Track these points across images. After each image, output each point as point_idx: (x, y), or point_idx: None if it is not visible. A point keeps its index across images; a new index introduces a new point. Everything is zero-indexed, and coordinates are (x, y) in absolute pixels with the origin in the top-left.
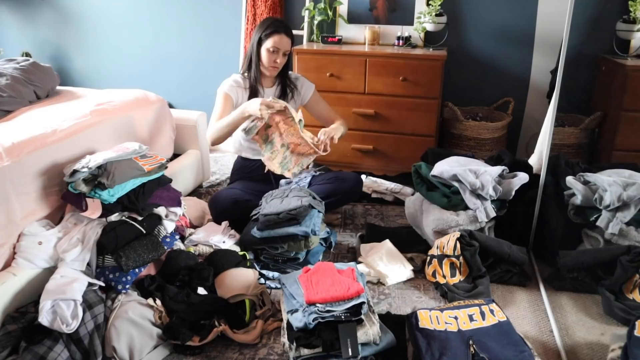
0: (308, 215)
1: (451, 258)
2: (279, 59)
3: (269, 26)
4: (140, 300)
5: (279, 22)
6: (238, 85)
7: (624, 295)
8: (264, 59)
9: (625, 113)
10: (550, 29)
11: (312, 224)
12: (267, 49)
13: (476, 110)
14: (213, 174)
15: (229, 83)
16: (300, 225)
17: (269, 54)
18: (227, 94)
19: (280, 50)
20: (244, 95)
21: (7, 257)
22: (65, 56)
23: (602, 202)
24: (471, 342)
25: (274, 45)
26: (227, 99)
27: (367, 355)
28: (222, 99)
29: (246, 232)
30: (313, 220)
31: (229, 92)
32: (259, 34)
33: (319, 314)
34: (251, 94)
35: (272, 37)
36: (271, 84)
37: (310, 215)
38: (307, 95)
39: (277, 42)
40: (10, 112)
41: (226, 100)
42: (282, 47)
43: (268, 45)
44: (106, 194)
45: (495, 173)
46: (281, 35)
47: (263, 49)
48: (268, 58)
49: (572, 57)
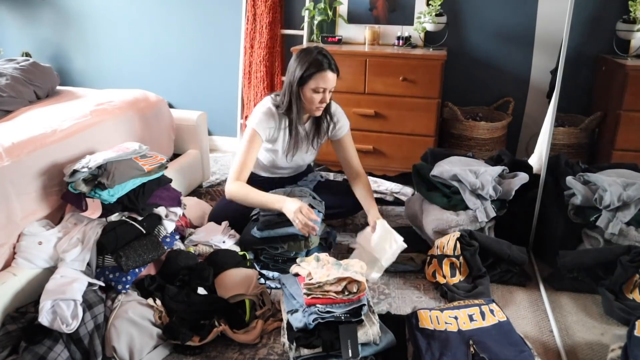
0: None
1: (451, 258)
2: (326, 98)
3: (311, 64)
4: (140, 300)
5: (321, 57)
6: (271, 120)
7: (624, 295)
8: (308, 101)
9: (625, 113)
10: (550, 29)
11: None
12: (311, 89)
13: (476, 110)
14: (213, 174)
15: (259, 116)
16: None
17: (313, 95)
18: (256, 131)
19: (328, 89)
20: (277, 135)
21: (7, 257)
22: (65, 56)
23: (602, 202)
24: (471, 342)
25: (320, 85)
26: (255, 140)
27: (367, 355)
28: (250, 139)
29: (246, 232)
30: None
31: (259, 130)
32: (300, 72)
33: (319, 314)
34: (289, 134)
35: (317, 76)
36: (306, 119)
37: None
38: (339, 134)
39: (323, 82)
40: (10, 112)
41: (254, 141)
42: (329, 85)
43: (312, 85)
44: (106, 194)
45: (495, 173)
46: (327, 73)
47: (307, 89)
48: (314, 99)
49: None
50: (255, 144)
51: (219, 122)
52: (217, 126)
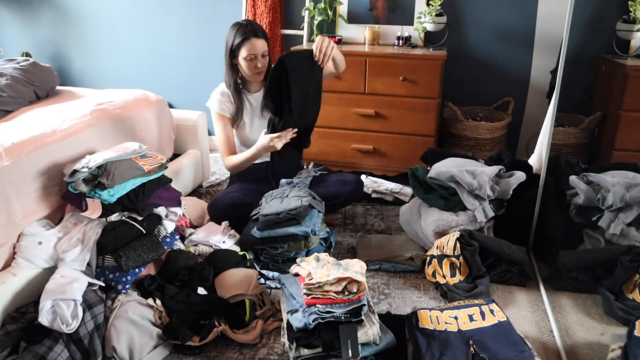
0: (308, 215)
1: (451, 258)
2: (260, 63)
3: (236, 35)
4: (140, 300)
5: (245, 27)
6: (226, 100)
7: (624, 295)
8: (244, 70)
9: (625, 113)
10: (550, 29)
11: (312, 224)
12: (243, 58)
13: (476, 110)
14: (213, 174)
15: (217, 99)
16: (300, 225)
17: (247, 63)
18: (220, 114)
19: (258, 55)
20: (237, 111)
21: (7, 257)
22: (65, 56)
23: (605, 202)
24: (471, 342)
25: (249, 53)
26: (223, 120)
27: (367, 355)
28: (220, 121)
29: (246, 232)
30: (313, 220)
31: (221, 112)
32: (229, 45)
33: (319, 314)
34: (239, 105)
35: (244, 45)
36: (258, 88)
37: (310, 215)
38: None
39: (251, 49)
40: (10, 112)
41: (223, 121)
42: (258, 51)
43: (243, 54)
44: (106, 194)
45: (492, 173)
46: (252, 40)
47: (240, 60)
48: (248, 67)
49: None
50: (225, 122)
51: None
52: None
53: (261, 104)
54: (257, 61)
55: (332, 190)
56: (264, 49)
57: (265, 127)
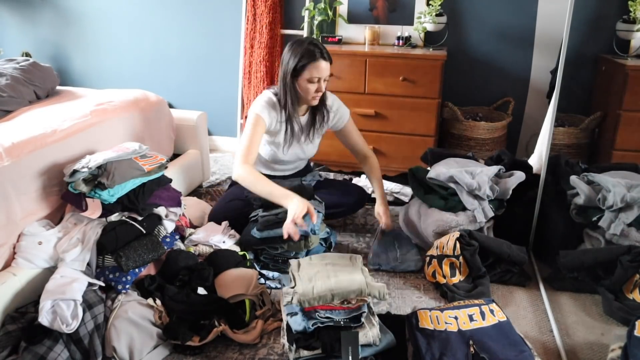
0: (307, 215)
1: (451, 258)
2: (322, 87)
3: (303, 55)
4: (140, 300)
5: (313, 47)
6: (272, 109)
7: (624, 295)
8: (304, 91)
9: (625, 113)
10: (550, 29)
11: (312, 224)
12: (306, 80)
13: (476, 110)
14: (213, 174)
15: (264, 105)
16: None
17: (309, 85)
18: (260, 116)
19: (322, 78)
20: (278, 127)
21: (7, 257)
22: (65, 56)
23: (605, 202)
24: (471, 342)
25: (314, 75)
26: (259, 123)
27: (367, 355)
28: (256, 125)
29: (246, 233)
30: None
31: (262, 115)
32: (293, 64)
33: (319, 319)
34: (287, 127)
35: (310, 66)
36: (304, 112)
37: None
38: (341, 124)
39: (318, 72)
40: (10, 112)
41: (258, 125)
42: (323, 74)
43: (307, 76)
44: (106, 194)
45: (492, 173)
46: (319, 62)
47: (301, 80)
48: (309, 89)
49: (572, 57)
50: (260, 128)
51: (219, 122)
52: (217, 126)
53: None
54: (319, 84)
55: (334, 200)
56: (328, 73)
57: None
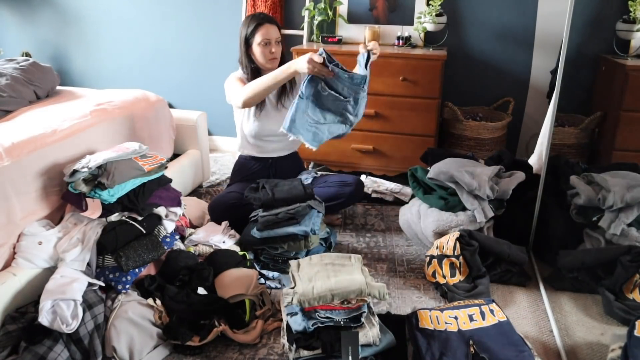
0: (307, 214)
1: (451, 258)
2: (274, 48)
3: (250, 23)
4: (140, 300)
5: (257, 15)
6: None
7: (624, 295)
8: (259, 56)
9: (625, 113)
10: (550, 29)
11: (311, 224)
12: (257, 44)
13: (476, 110)
14: (213, 174)
15: (233, 78)
16: (300, 225)
17: (262, 48)
18: (241, 78)
19: (272, 40)
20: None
21: (7, 257)
22: (65, 56)
23: (605, 202)
24: (471, 342)
25: (264, 37)
26: (239, 80)
27: (367, 355)
28: (238, 81)
29: (246, 233)
30: (312, 219)
31: (240, 76)
32: (244, 34)
33: (319, 319)
34: None
35: (258, 30)
36: None
37: (310, 215)
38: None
39: (265, 34)
40: (10, 112)
41: (238, 81)
42: (272, 36)
43: (258, 40)
44: (106, 194)
45: (492, 173)
46: (266, 26)
47: (254, 46)
48: (263, 52)
49: (572, 57)
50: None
51: (219, 122)
52: (217, 126)
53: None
54: (271, 46)
55: (332, 191)
56: (277, 36)
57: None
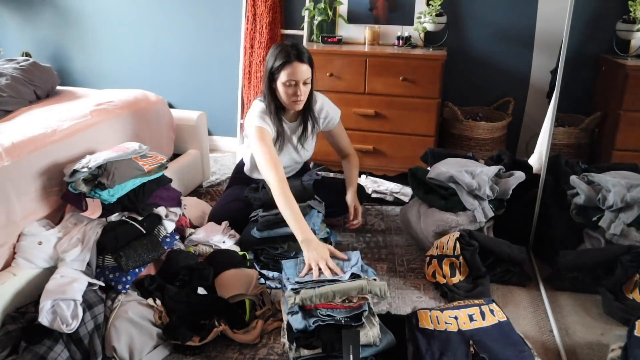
0: (307, 215)
1: (451, 258)
2: (300, 91)
3: (278, 55)
4: (140, 300)
5: (289, 49)
6: (267, 116)
7: (624, 295)
8: (282, 95)
9: (625, 113)
10: (550, 29)
11: (311, 224)
12: (282, 83)
13: (476, 110)
14: (213, 174)
15: (257, 114)
16: None
17: (286, 89)
18: (262, 127)
19: (299, 81)
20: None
21: (7, 257)
22: (65, 56)
23: (605, 202)
24: (471, 342)
25: (289, 78)
26: (264, 135)
27: (367, 355)
28: (259, 136)
29: (246, 233)
30: (312, 220)
31: (263, 126)
32: (269, 66)
33: (320, 317)
34: (278, 132)
35: (285, 69)
36: (294, 118)
37: (310, 215)
38: (331, 126)
39: (292, 74)
40: (10, 112)
41: (265, 136)
42: (299, 77)
43: (283, 79)
44: (106, 194)
45: (492, 173)
46: (295, 65)
47: (278, 84)
48: (286, 93)
49: (572, 57)
50: (267, 138)
51: (219, 122)
52: (217, 126)
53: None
54: (296, 88)
55: (333, 198)
56: (308, 76)
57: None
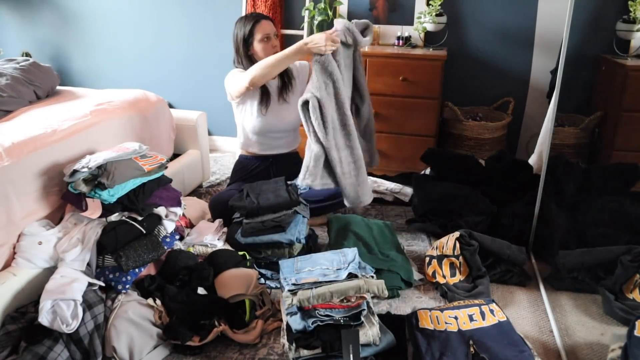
0: (293, 221)
1: (451, 258)
2: (275, 43)
3: (245, 23)
4: (140, 300)
5: (250, 15)
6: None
7: (624, 295)
8: (261, 53)
9: (625, 113)
10: (550, 29)
11: (297, 232)
12: (258, 41)
13: (476, 110)
14: (213, 174)
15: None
16: (285, 233)
17: (264, 45)
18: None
19: (271, 34)
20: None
21: (7, 257)
22: (65, 56)
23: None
24: (471, 342)
25: (264, 34)
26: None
27: (367, 355)
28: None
29: (230, 235)
30: (298, 227)
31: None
32: (241, 36)
33: (319, 317)
34: (262, 93)
35: (256, 28)
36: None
37: (295, 221)
38: (305, 75)
39: (264, 30)
40: (10, 112)
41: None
42: (270, 30)
43: (258, 37)
44: (106, 194)
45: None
46: (262, 22)
47: (255, 44)
48: (265, 48)
49: (572, 57)
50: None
51: (219, 122)
52: (217, 126)
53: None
54: (271, 41)
55: (331, 191)
56: (274, 30)
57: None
